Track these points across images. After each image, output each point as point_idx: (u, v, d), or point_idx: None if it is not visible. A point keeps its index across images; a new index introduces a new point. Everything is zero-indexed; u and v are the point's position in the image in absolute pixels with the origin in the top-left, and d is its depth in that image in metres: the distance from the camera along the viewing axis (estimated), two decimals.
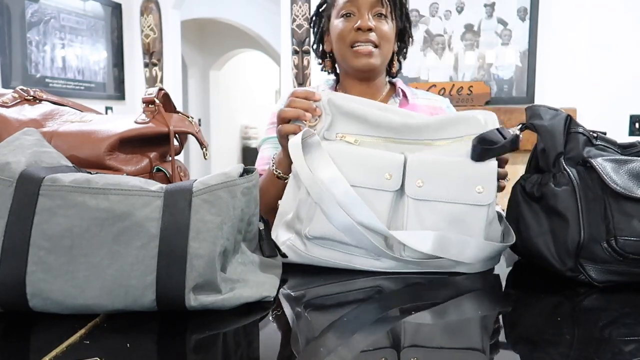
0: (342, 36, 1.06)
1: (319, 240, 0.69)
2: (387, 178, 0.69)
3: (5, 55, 3.13)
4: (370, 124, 0.75)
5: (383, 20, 1.07)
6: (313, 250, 0.70)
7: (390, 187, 0.69)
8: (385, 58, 1.09)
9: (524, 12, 2.69)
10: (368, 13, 1.05)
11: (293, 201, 0.73)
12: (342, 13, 1.07)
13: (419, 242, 0.67)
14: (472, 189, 0.68)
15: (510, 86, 2.76)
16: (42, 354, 0.43)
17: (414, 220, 0.69)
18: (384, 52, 1.07)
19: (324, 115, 0.76)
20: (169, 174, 0.76)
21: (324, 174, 0.68)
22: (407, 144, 0.75)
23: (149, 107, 0.75)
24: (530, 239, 0.70)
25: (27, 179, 0.51)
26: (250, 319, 0.53)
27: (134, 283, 0.49)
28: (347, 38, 1.05)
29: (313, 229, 0.68)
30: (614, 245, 0.62)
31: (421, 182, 0.69)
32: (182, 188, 0.53)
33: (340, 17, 1.07)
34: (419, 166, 0.69)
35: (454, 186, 0.68)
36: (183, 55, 5.63)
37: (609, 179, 0.63)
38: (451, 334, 0.51)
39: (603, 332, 0.51)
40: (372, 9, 1.05)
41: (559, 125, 0.69)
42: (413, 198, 0.69)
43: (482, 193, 0.68)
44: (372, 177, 0.69)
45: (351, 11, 1.06)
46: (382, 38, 1.06)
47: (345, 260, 0.69)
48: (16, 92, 0.80)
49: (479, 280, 0.69)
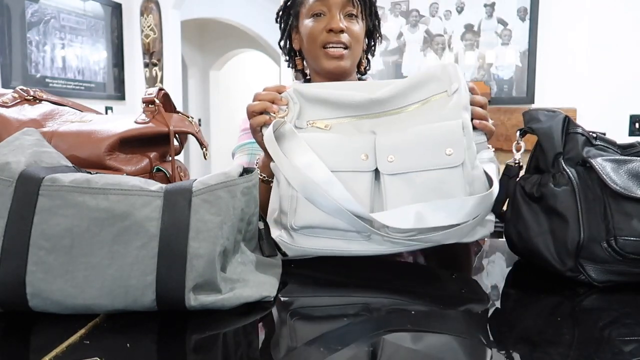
0: (314, 37, 1.05)
1: (305, 230, 0.70)
2: (364, 159, 0.70)
3: (5, 55, 3.13)
4: (337, 105, 0.76)
5: (354, 21, 1.06)
6: (300, 241, 0.70)
7: (367, 168, 0.70)
8: (355, 58, 1.09)
9: (524, 12, 2.69)
10: (339, 13, 1.04)
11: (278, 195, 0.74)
12: (313, 12, 1.06)
13: (400, 220, 0.66)
14: (442, 153, 0.68)
15: (510, 86, 2.75)
16: (42, 354, 0.43)
17: (394, 196, 0.69)
18: (354, 53, 1.07)
19: (292, 104, 0.77)
20: (169, 174, 0.77)
21: (302, 161, 0.68)
22: (377, 117, 0.76)
23: (149, 107, 0.75)
24: (530, 239, 0.70)
25: (27, 179, 0.51)
26: (250, 319, 0.53)
27: (134, 283, 0.49)
28: (318, 39, 1.05)
29: (298, 219, 0.69)
30: (613, 245, 0.62)
31: (392, 157, 0.69)
32: (182, 188, 0.53)
33: (311, 17, 1.06)
34: (387, 142, 0.70)
35: (423, 154, 0.68)
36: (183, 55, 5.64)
37: (609, 179, 0.63)
38: (451, 334, 0.51)
39: (603, 332, 0.51)
40: (343, 9, 1.05)
41: (557, 126, 0.69)
42: (388, 174, 0.69)
43: (452, 155, 0.68)
44: (349, 160, 0.70)
45: (322, 11, 1.05)
46: (353, 39, 1.05)
47: (335, 247, 0.70)
48: (16, 92, 0.80)
49: (479, 280, 0.69)
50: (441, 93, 0.75)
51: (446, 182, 0.68)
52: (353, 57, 1.07)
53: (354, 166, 0.70)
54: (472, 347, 0.48)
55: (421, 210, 0.66)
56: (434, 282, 0.67)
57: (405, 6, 2.94)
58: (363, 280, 0.67)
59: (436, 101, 0.75)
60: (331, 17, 1.04)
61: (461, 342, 0.49)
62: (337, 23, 1.03)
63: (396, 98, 0.76)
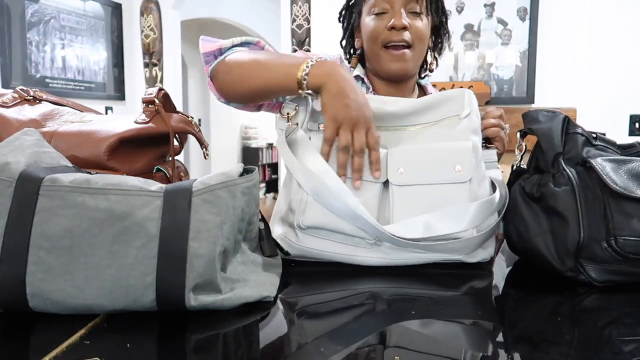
0: (375, 35, 1.00)
1: (312, 230, 0.70)
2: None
3: (5, 55, 3.13)
4: None
5: (418, 18, 1.00)
6: (305, 241, 0.70)
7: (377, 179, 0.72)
8: (419, 58, 1.03)
9: (524, 12, 2.69)
10: (402, 10, 0.99)
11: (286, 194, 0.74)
12: (375, 10, 1.01)
13: (409, 230, 0.68)
14: (451, 169, 0.70)
15: (510, 86, 2.75)
16: (42, 354, 0.43)
17: (401, 207, 0.70)
18: (417, 53, 1.01)
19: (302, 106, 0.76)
20: (169, 174, 0.76)
21: (314, 166, 0.69)
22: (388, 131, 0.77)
23: (149, 107, 0.75)
24: (530, 239, 0.70)
25: (27, 179, 0.51)
26: (250, 319, 0.53)
27: (134, 283, 0.49)
28: (379, 37, 0.99)
29: (306, 219, 0.69)
30: (613, 245, 0.62)
31: (403, 169, 0.71)
32: (182, 188, 0.53)
33: (372, 15, 1.01)
34: (399, 155, 0.72)
35: (433, 168, 0.71)
36: (183, 55, 5.63)
37: (609, 179, 0.63)
38: (451, 334, 0.51)
39: (603, 332, 0.51)
40: (407, 5, 0.99)
41: (557, 126, 0.70)
42: (397, 185, 0.71)
43: (461, 171, 0.70)
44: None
45: (384, 8, 1.00)
46: (416, 37, 0.99)
47: (341, 251, 0.70)
48: (16, 92, 0.80)
49: (479, 280, 0.69)
50: (453, 116, 0.77)
51: (452, 196, 0.70)
52: (416, 57, 1.02)
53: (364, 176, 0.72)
54: (473, 347, 0.48)
55: (429, 220, 0.68)
56: (434, 282, 0.67)
57: None
58: (363, 282, 0.67)
59: (447, 123, 0.77)
60: (394, 14, 0.98)
61: (461, 342, 0.49)
62: (399, 20, 0.97)
63: (412, 115, 0.77)
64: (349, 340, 0.48)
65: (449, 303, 0.59)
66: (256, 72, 0.81)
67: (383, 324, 0.53)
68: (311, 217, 0.69)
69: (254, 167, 0.58)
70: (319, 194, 0.68)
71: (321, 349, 0.45)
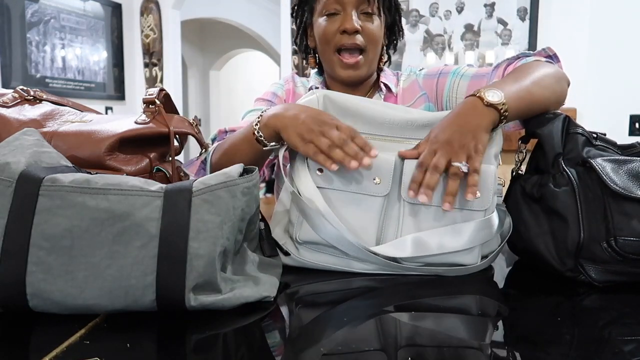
0: (327, 39, 0.97)
1: (309, 245, 0.69)
2: (376, 182, 0.67)
3: (5, 55, 3.14)
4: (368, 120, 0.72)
5: (370, 19, 0.97)
6: (304, 254, 0.70)
7: (378, 192, 0.67)
8: (372, 62, 1.01)
9: (524, 12, 2.69)
10: (354, 12, 0.95)
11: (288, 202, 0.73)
12: (326, 11, 0.97)
13: (398, 249, 0.66)
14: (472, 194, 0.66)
15: None
16: (42, 354, 0.43)
17: (410, 223, 0.68)
18: (371, 56, 0.99)
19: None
20: (169, 174, 0.76)
21: (304, 188, 0.67)
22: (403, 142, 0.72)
23: (150, 108, 0.75)
24: (530, 240, 0.70)
25: (27, 179, 0.51)
26: (250, 319, 0.53)
27: (134, 283, 0.49)
28: (332, 41, 0.97)
29: (302, 234, 0.68)
30: (613, 245, 0.62)
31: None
32: (182, 188, 0.53)
33: (324, 16, 0.98)
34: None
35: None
36: (183, 55, 5.64)
37: (609, 179, 0.63)
38: (450, 334, 0.51)
39: (603, 332, 0.51)
40: (358, 6, 0.96)
41: (557, 127, 0.70)
42: (410, 202, 0.68)
43: (480, 198, 0.67)
44: (359, 182, 0.67)
45: (335, 9, 0.96)
46: (369, 40, 0.97)
47: (337, 264, 0.69)
48: (16, 92, 0.80)
49: (478, 280, 0.69)
50: None
51: (464, 221, 0.67)
52: (370, 60, 0.99)
53: (364, 189, 0.67)
54: (473, 347, 0.48)
55: (419, 237, 0.66)
56: (433, 282, 0.67)
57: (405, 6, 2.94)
58: (363, 283, 0.67)
59: None
60: (345, 17, 0.95)
61: (461, 342, 0.49)
62: (351, 23, 0.94)
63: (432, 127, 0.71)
64: (349, 340, 0.48)
65: (448, 303, 0.59)
66: (234, 155, 0.82)
67: (383, 324, 0.53)
68: (307, 233, 0.68)
69: (254, 167, 0.59)
70: (306, 215, 0.66)
71: (321, 349, 0.45)
